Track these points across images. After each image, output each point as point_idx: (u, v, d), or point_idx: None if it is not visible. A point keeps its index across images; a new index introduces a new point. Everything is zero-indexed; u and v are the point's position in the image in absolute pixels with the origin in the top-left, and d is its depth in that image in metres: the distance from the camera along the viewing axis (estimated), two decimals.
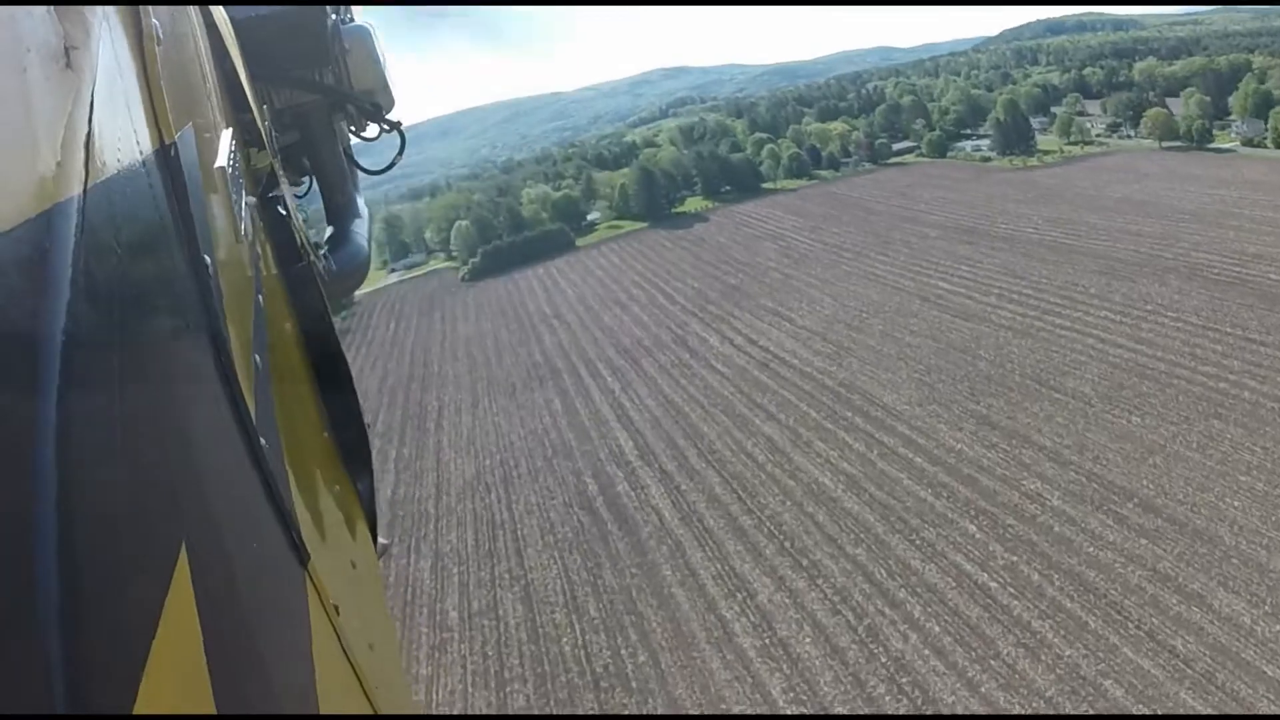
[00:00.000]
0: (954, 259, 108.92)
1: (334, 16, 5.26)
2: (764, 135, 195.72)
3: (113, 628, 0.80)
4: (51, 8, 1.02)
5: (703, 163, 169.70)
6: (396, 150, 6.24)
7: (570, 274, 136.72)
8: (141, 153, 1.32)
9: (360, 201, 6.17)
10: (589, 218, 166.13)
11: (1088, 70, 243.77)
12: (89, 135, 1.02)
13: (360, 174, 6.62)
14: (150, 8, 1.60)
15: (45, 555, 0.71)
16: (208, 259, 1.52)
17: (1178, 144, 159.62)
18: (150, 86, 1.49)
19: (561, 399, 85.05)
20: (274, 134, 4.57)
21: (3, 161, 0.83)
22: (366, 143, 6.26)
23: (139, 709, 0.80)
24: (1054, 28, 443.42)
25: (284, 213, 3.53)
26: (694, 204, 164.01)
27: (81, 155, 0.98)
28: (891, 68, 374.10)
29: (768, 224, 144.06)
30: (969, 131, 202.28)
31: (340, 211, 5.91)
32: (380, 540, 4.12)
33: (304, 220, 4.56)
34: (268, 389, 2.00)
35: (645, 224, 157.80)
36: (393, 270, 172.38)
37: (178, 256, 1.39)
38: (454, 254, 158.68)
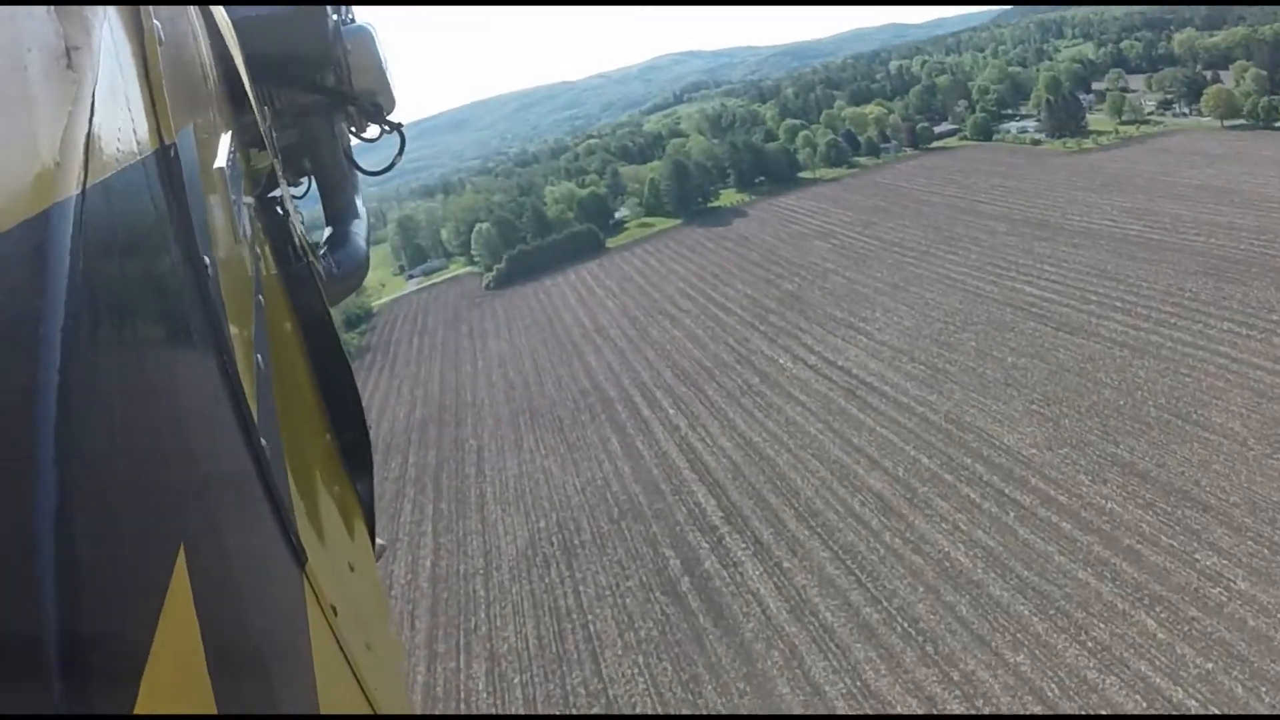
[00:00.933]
0: (1033, 258, 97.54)
1: (335, 17, 5.06)
2: (796, 121, 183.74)
3: (112, 628, 0.81)
4: (52, 8, 1.02)
5: (736, 153, 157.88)
6: (396, 151, 6.08)
7: (605, 280, 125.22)
8: (141, 152, 1.31)
9: (359, 203, 5.90)
10: (617, 215, 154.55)
11: (1125, 43, 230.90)
12: (89, 135, 1.01)
13: (360, 175, 6.41)
14: (151, 8, 1.60)
15: (45, 556, 0.72)
16: (207, 259, 1.53)
17: (1241, 123, 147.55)
18: (151, 87, 1.49)
19: (619, 437, 73.81)
20: (274, 134, 4.40)
21: (4, 159, 0.83)
22: (367, 143, 6.02)
23: (139, 710, 0.80)
24: None
25: (283, 213, 3.40)
26: (729, 197, 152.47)
27: (81, 155, 0.98)
28: (912, 44, 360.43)
29: (813, 218, 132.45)
30: (1011, 112, 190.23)
31: (340, 212, 5.70)
32: (378, 542, 3.99)
33: (303, 222, 4.28)
34: (269, 389, 2.03)
35: (679, 221, 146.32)
36: (411, 277, 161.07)
37: (177, 256, 1.39)
38: (476, 258, 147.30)
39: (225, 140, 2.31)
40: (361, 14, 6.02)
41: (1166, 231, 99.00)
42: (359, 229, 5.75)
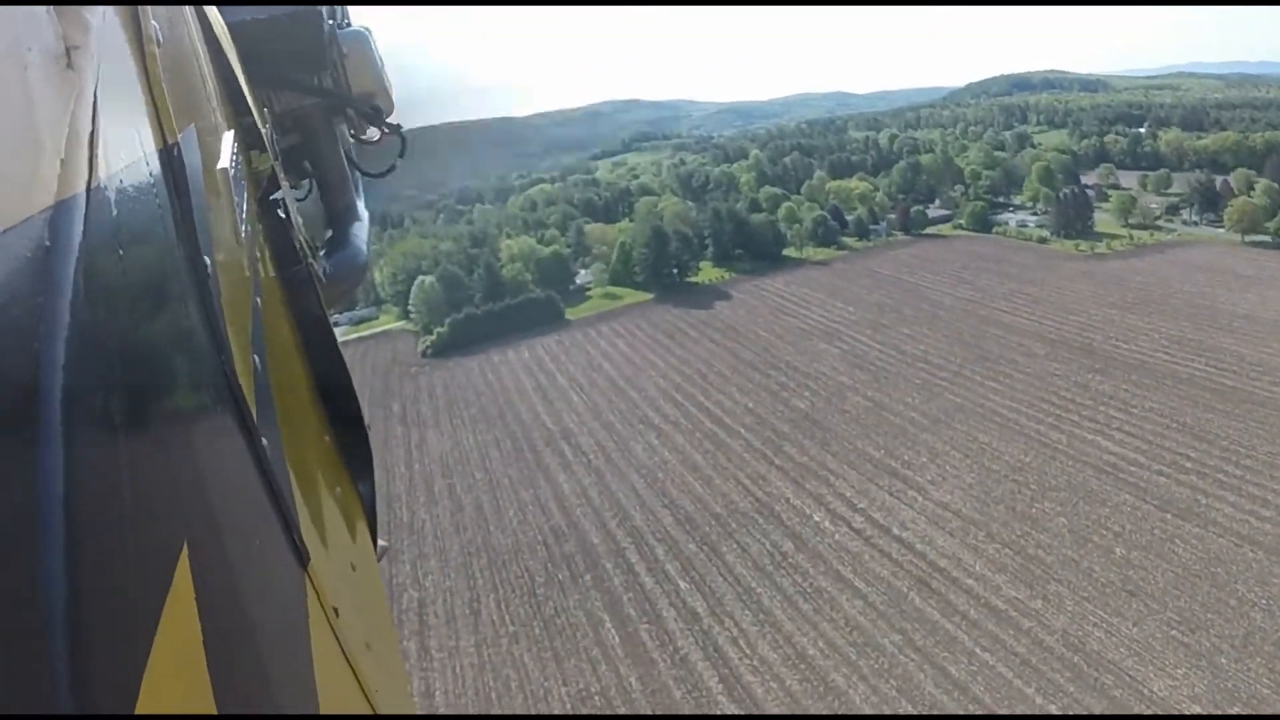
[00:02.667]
0: (1092, 397, 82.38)
1: (331, 21, 5.12)
2: (775, 190, 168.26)
3: (114, 628, 0.81)
4: (51, 8, 1.02)
5: (717, 222, 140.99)
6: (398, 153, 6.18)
7: (567, 364, 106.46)
8: (144, 152, 1.32)
9: (360, 205, 5.95)
10: (578, 280, 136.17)
11: (1108, 137, 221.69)
12: (93, 134, 1.02)
13: (362, 177, 6.46)
14: (149, 10, 1.60)
15: (50, 555, 0.72)
16: (207, 260, 1.54)
17: (1264, 239, 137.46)
18: (152, 87, 1.50)
19: (615, 621, 55.31)
20: (274, 137, 4.36)
21: (5, 159, 0.84)
22: (369, 145, 6.11)
23: (140, 709, 0.81)
24: (1020, 84, 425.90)
25: (283, 215, 3.45)
26: (707, 273, 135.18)
27: (85, 154, 0.98)
28: (869, 115, 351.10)
29: (809, 310, 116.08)
30: (1003, 200, 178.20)
31: (340, 215, 5.72)
32: (380, 542, 4.05)
33: (303, 224, 4.38)
34: (267, 390, 2.04)
35: (650, 295, 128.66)
36: (335, 324, 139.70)
37: (179, 257, 1.40)
38: (412, 314, 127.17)
39: (228, 141, 2.34)
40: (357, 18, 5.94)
41: (1237, 376, 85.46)
42: (359, 231, 5.65)
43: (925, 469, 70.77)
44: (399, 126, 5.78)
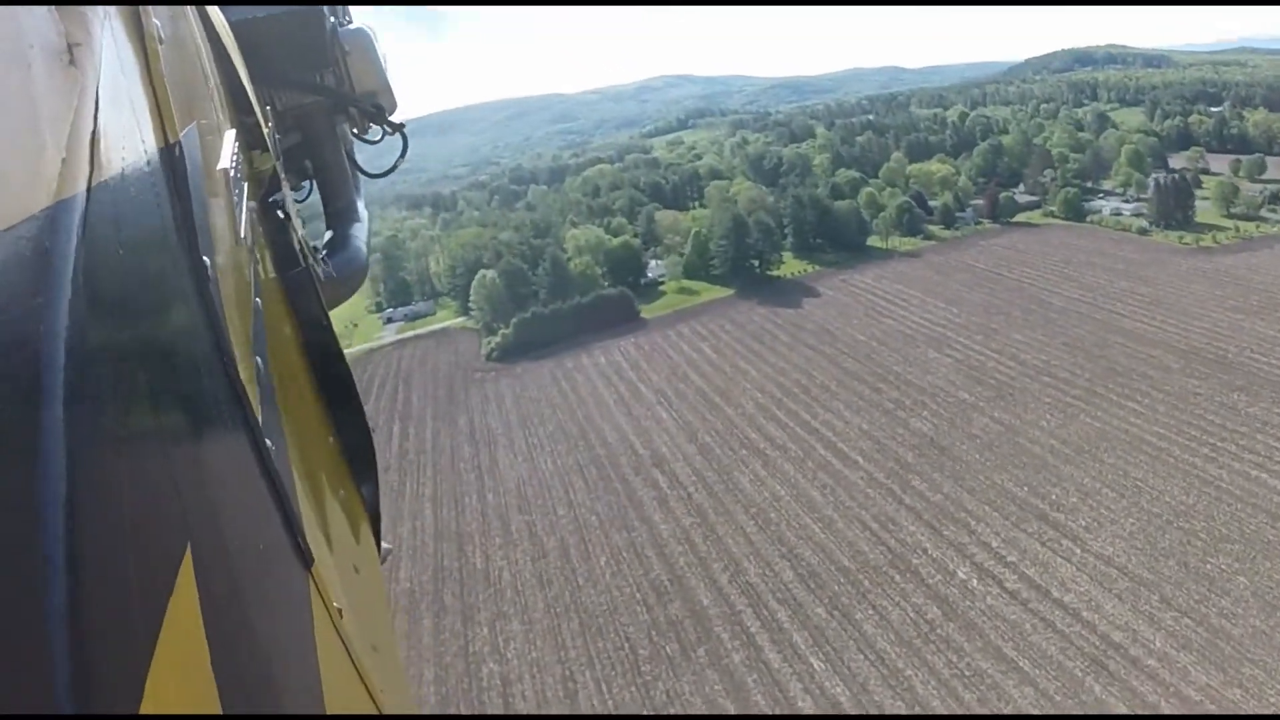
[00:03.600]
0: (1243, 421, 73.08)
1: (333, 19, 5.10)
2: (853, 173, 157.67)
3: (117, 630, 0.81)
4: (52, 6, 1.02)
5: (798, 209, 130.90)
6: (398, 153, 6.09)
7: (649, 370, 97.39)
8: (146, 151, 1.31)
9: (361, 205, 5.93)
10: (650, 272, 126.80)
11: (1192, 118, 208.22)
12: (94, 132, 1.01)
13: (362, 177, 6.45)
14: (150, 9, 1.59)
15: (51, 557, 0.72)
16: (207, 260, 1.53)
17: None
18: (154, 86, 1.49)
19: (743, 708, 46.47)
20: (276, 137, 4.37)
21: (7, 157, 0.83)
22: (370, 144, 6.03)
23: (144, 710, 0.81)
24: (1082, 59, 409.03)
25: (284, 216, 3.44)
26: (791, 265, 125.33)
27: (86, 152, 0.97)
28: (934, 91, 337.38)
29: (908, 310, 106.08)
30: (1090, 185, 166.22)
31: (340, 215, 5.69)
32: (384, 544, 4.03)
33: (304, 224, 4.40)
34: (270, 391, 2.04)
35: (730, 290, 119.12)
36: (390, 320, 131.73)
37: (179, 257, 1.39)
38: (473, 311, 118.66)
39: (229, 141, 2.32)
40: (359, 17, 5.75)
41: None
42: (359, 232, 5.58)
43: (1077, 512, 61.26)
44: (402, 125, 5.61)
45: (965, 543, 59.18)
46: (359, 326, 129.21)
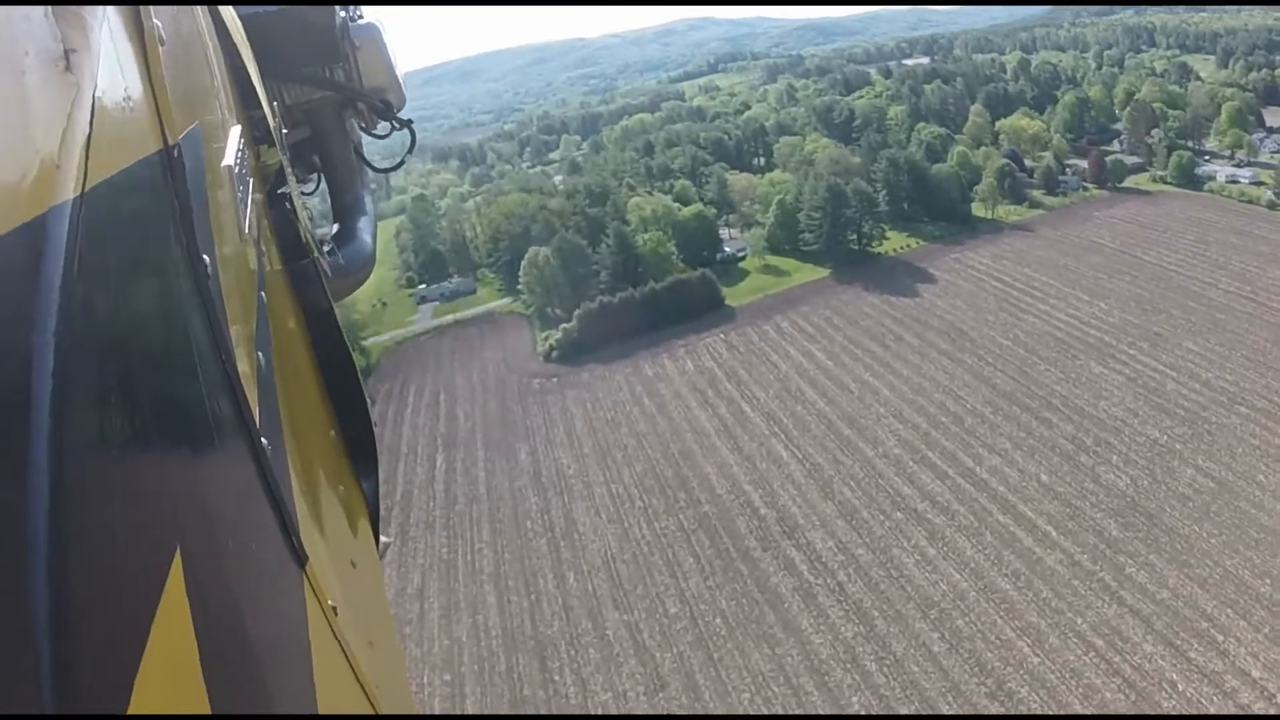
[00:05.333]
0: None
1: (343, 14, 5.06)
2: (937, 130, 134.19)
3: (104, 632, 0.79)
4: (50, 11, 0.99)
5: (893, 174, 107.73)
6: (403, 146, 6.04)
7: (750, 382, 75.49)
8: (142, 154, 1.28)
9: (368, 199, 5.70)
10: (728, 248, 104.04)
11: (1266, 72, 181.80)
12: (89, 138, 0.99)
13: (370, 172, 6.26)
14: (152, 8, 1.56)
15: (38, 557, 0.70)
16: (207, 258, 1.49)
17: None
18: (154, 87, 1.45)
19: None
20: (284, 131, 4.33)
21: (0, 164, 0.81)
22: (378, 139, 5.90)
23: (131, 712, 0.79)
24: None
25: (290, 209, 3.39)
26: (895, 240, 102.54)
27: (80, 158, 0.95)
28: (979, 34, 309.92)
29: (1047, 304, 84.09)
30: (1191, 145, 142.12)
31: (348, 209, 5.52)
32: (382, 539, 3.92)
33: (310, 218, 4.31)
34: (271, 386, 2.01)
35: (825, 270, 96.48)
36: (424, 300, 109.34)
37: (176, 256, 1.36)
38: (522, 294, 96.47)
39: (234, 137, 2.28)
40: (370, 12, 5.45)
41: None
42: (366, 225, 5.43)
43: None
44: (410, 121, 5.48)
45: (1221, 673, 39.41)
46: (388, 306, 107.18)
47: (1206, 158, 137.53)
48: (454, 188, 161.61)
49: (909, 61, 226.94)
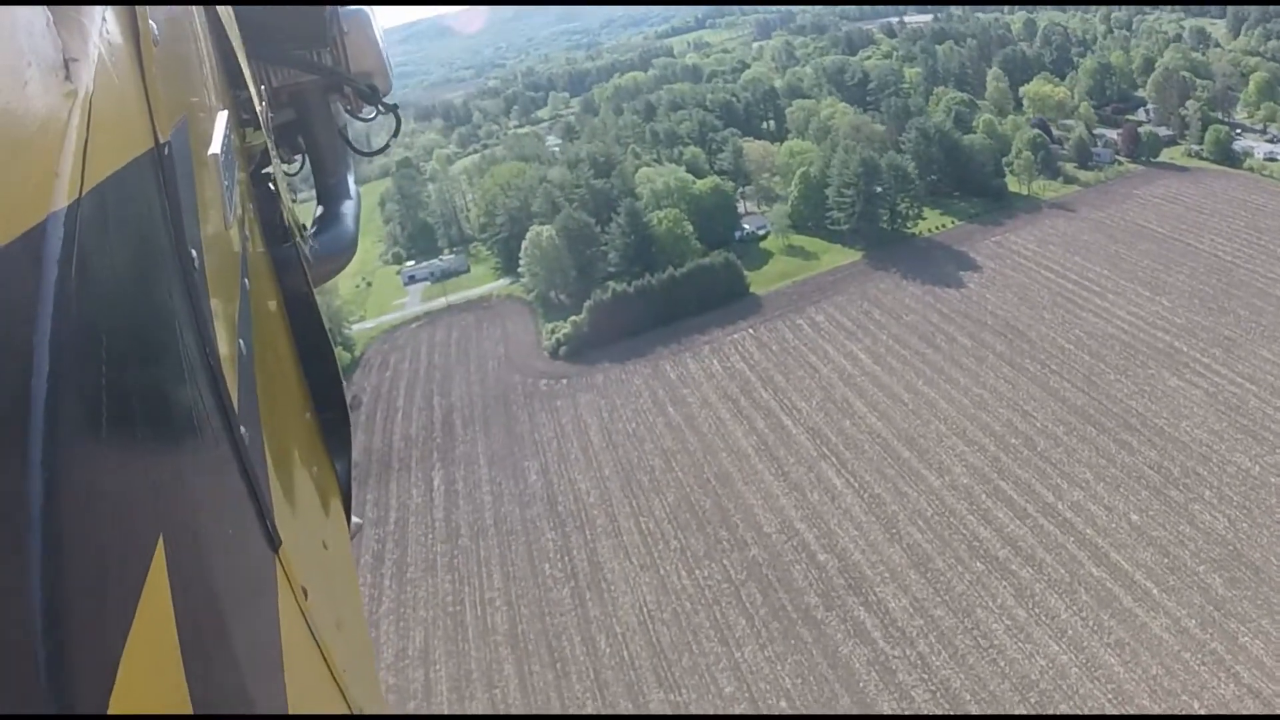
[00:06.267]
0: None
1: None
2: (958, 94, 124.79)
3: (93, 618, 0.80)
4: (50, 19, 0.99)
5: (924, 146, 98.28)
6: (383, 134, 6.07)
7: (788, 387, 66.51)
8: (136, 153, 1.30)
9: (351, 182, 5.66)
10: (747, 225, 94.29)
11: None
12: (85, 143, 1.00)
13: (354, 154, 6.18)
14: (147, 9, 1.56)
15: (34, 549, 0.71)
16: (194, 252, 1.51)
17: None
18: (147, 85, 1.46)
19: None
20: (270, 113, 4.39)
21: (2, 175, 0.82)
22: (363, 123, 5.84)
23: (115, 697, 0.80)
24: None
25: (274, 191, 3.39)
26: (931, 220, 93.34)
27: (77, 163, 0.96)
28: None
29: (1104, 299, 75.83)
30: (1220, 117, 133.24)
31: (331, 192, 5.48)
32: (354, 519, 3.96)
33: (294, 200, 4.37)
34: (251, 373, 2.02)
35: (857, 253, 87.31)
36: (412, 278, 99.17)
37: (166, 252, 1.38)
38: (523, 276, 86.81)
39: (220, 122, 2.25)
40: None
41: None
42: (349, 209, 5.39)
43: None
44: (395, 106, 5.41)
45: None
46: (374, 286, 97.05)
47: (1238, 131, 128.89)
48: (439, 149, 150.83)
49: (911, 19, 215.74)
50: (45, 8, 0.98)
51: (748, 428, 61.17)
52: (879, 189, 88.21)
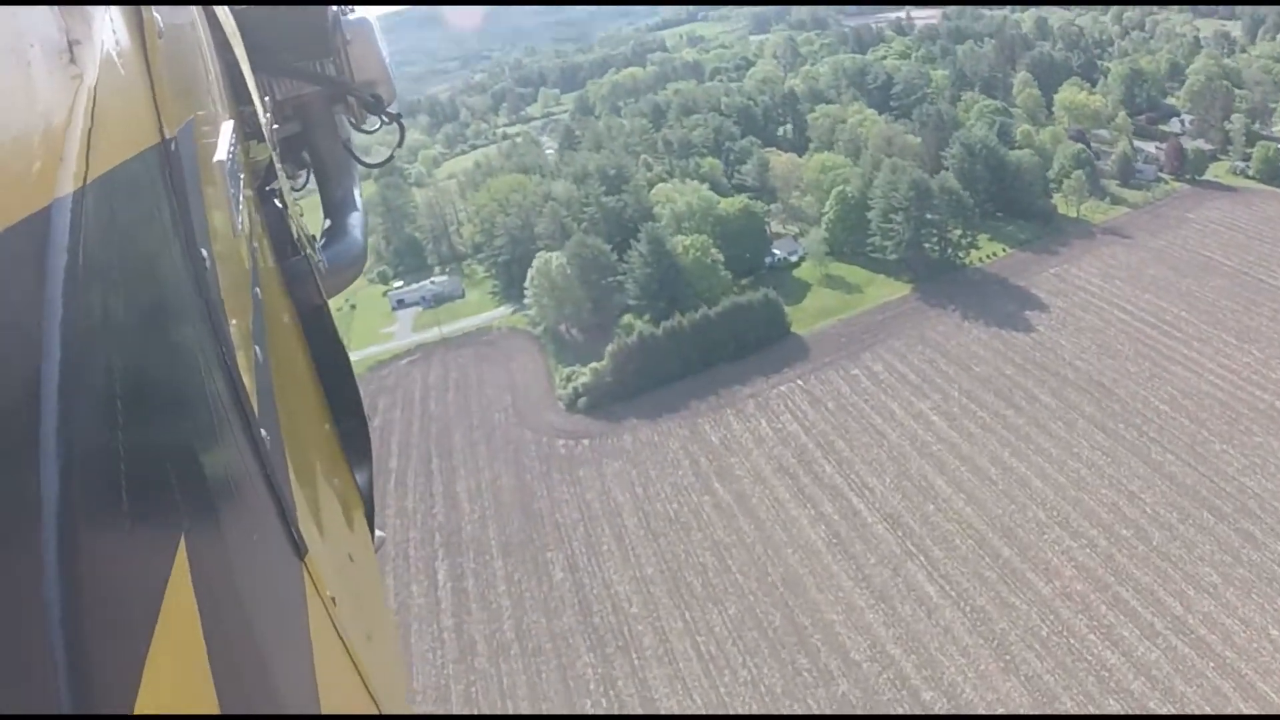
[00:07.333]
0: None
1: (335, 8, 5.02)
2: (990, 102, 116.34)
3: (113, 624, 0.79)
4: (53, 7, 1.00)
5: (969, 163, 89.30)
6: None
7: (852, 456, 57.64)
8: (142, 147, 1.29)
9: (358, 195, 5.54)
10: (778, 251, 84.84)
11: None
12: (90, 130, 0.99)
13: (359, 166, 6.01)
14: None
15: (48, 550, 0.70)
16: (205, 253, 1.50)
17: None
18: (153, 81, 1.45)
19: None
20: (274, 126, 4.27)
21: (4, 155, 0.81)
22: (367, 134, 5.72)
23: (140, 703, 0.78)
24: None
25: (281, 205, 3.37)
26: (985, 248, 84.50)
27: (83, 149, 0.95)
28: None
29: (1189, 348, 68.10)
30: (1260, 130, 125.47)
31: (338, 205, 5.39)
32: (377, 533, 3.92)
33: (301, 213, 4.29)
34: (268, 380, 2.01)
35: (905, 285, 78.40)
36: (400, 302, 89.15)
37: (176, 250, 1.36)
38: (530, 306, 77.20)
39: (226, 132, 2.24)
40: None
41: None
42: (356, 221, 5.31)
43: None
44: (399, 115, 5.30)
45: None
46: (358, 310, 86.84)
47: (1275, 146, 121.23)
48: (425, 149, 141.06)
49: (919, 15, 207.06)
50: None
51: (814, 513, 51.96)
52: (929, 215, 79.02)
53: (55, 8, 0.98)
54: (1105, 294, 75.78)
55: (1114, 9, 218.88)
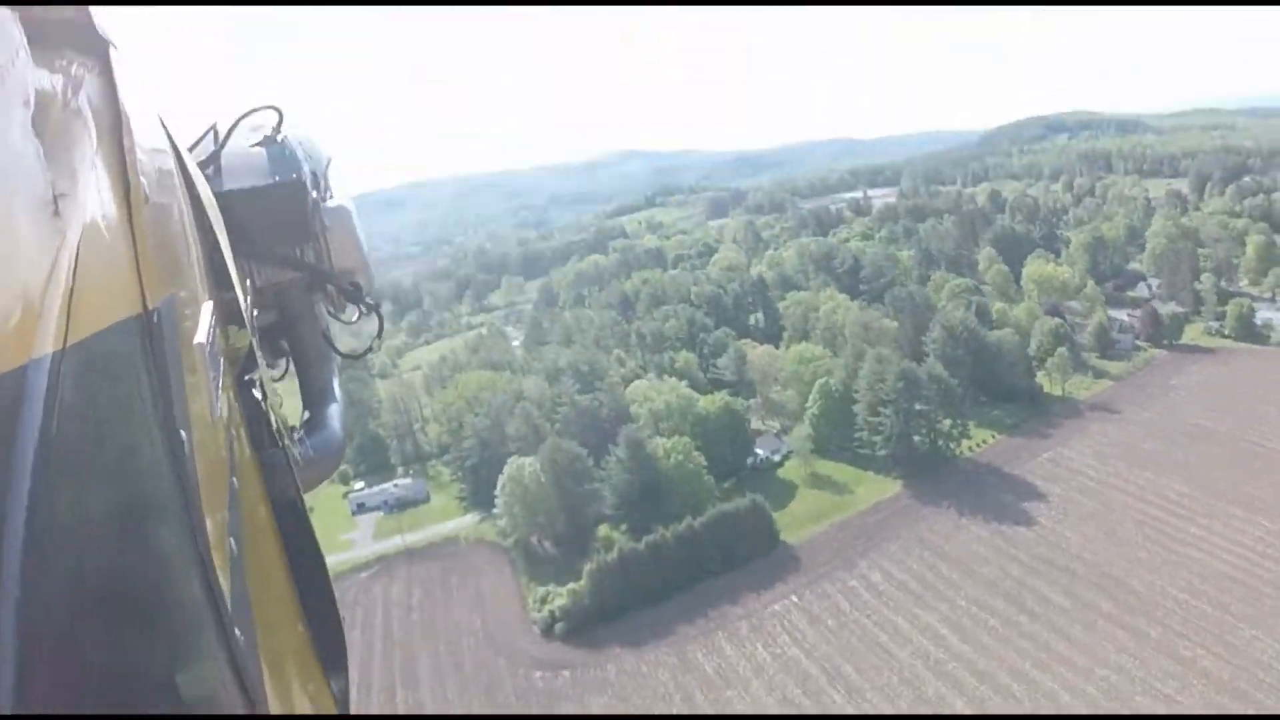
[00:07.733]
0: None
1: (314, 193, 4.82)
2: (960, 280, 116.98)
3: None
4: (41, 152, 0.96)
5: (953, 349, 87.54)
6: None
7: (856, 679, 53.25)
8: (123, 315, 1.24)
9: (336, 385, 5.19)
10: (760, 450, 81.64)
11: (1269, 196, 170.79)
12: (72, 290, 0.96)
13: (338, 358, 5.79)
14: (137, 165, 1.53)
15: None
16: (184, 435, 1.45)
17: None
18: (136, 247, 1.41)
19: None
20: (254, 312, 4.23)
21: None
22: (346, 325, 5.46)
23: None
24: (1054, 125, 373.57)
25: (260, 395, 3.20)
26: (976, 437, 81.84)
27: (62, 310, 0.92)
28: (927, 162, 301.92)
29: (1189, 516, 67.21)
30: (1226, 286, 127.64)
31: (317, 396, 5.09)
32: None
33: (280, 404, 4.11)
34: (242, 575, 1.93)
35: (895, 482, 75.10)
36: (361, 505, 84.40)
37: (154, 429, 1.32)
38: (500, 517, 72.82)
39: (206, 314, 2.21)
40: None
41: None
42: (335, 412, 5.00)
43: None
44: (378, 305, 5.23)
45: None
46: (315, 511, 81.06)
47: (1251, 300, 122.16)
48: (389, 339, 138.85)
49: (875, 195, 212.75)
50: (35, 140, 0.95)
51: None
52: (918, 405, 76.50)
53: (42, 159, 0.96)
54: (1103, 476, 72.99)
55: (1064, 179, 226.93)
